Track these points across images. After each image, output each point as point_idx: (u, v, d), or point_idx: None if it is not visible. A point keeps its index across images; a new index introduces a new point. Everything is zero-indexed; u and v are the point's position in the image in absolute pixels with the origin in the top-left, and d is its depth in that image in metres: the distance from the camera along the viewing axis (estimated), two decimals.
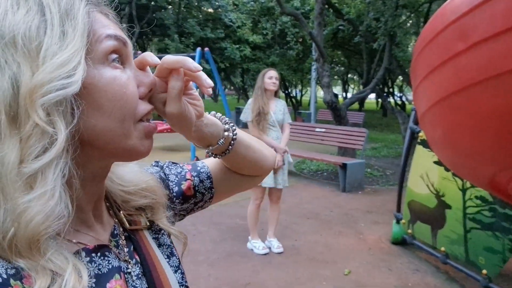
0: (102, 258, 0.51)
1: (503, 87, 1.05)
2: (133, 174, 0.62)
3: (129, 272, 0.54)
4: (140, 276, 0.56)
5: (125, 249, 0.57)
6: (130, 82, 0.49)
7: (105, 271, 0.50)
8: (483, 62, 1.09)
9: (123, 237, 0.58)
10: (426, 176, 3.61)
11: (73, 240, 0.49)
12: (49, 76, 0.41)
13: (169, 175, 0.72)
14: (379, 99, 25.57)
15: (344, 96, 31.39)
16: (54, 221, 0.41)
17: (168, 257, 0.63)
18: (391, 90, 23.69)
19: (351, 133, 6.96)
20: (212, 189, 0.75)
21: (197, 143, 0.64)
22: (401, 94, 26.30)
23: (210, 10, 18.70)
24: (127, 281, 0.53)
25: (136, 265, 0.56)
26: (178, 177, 0.73)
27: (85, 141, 0.46)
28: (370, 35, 9.89)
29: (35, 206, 0.39)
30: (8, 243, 0.40)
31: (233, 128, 0.66)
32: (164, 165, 0.75)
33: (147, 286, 0.56)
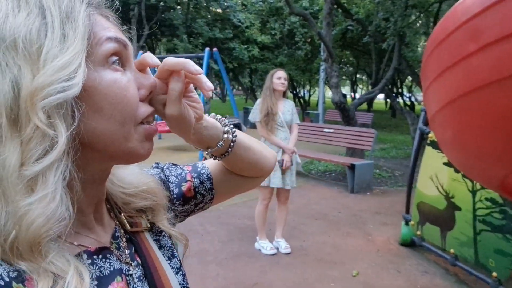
0: (104, 260, 0.51)
1: None
2: (134, 176, 0.62)
3: (131, 274, 0.54)
4: (142, 278, 0.56)
5: (126, 251, 0.57)
6: (131, 85, 0.49)
7: (107, 273, 0.50)
8: (495, 63, 1.08)
9: (124, 239, 0.58)
10: (436, 178, 3.57)
11: (75, 243, 0.49)
12: (50, 79, 0.41)
13: (170, 177, 0.72)
14: (388, 100, 25.46)
15: (353, 97, 31.22)
16: (55, 224, 0.41)
17: (169, 259, 0.63)
18: (400, 91, 23.55)
19: (360, 134, 6.92)
20: (213, 190, 0.75)
21: (197, 145, 0.64)
22: (410, 95, 26.10)
23: (219, 10, 18.77)
24: (129, 283, 0.53)
25: (138, 267, 0.56)
26: (179, 179, 0.73)
27: (86, 144, 0.46)
28: (379, 35, 9.84)
29: (36, 209, 0.40)
30: (10, 246, 0.40)
31: (233, 130, 0.66)
32: (165, 167, 0.75)
33: None
